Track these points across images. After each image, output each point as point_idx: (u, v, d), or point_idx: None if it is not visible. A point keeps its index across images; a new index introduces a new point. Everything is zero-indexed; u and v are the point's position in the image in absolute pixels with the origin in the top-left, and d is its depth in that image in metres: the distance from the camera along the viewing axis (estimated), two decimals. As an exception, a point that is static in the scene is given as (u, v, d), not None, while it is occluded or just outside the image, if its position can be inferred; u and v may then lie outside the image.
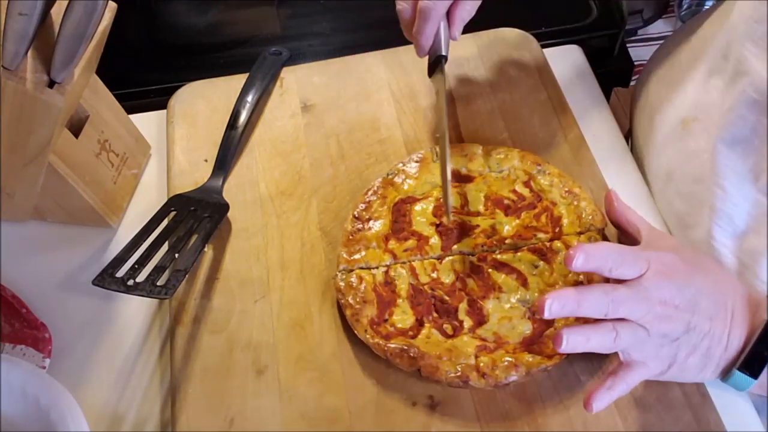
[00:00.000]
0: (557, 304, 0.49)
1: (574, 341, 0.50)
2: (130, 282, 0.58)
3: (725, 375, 0.54)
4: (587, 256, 0.49)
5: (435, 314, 0.60)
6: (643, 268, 0.51)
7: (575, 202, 0.65)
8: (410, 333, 0.59)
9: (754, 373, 0.53)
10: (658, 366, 0.53)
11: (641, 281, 0.51)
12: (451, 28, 0.66)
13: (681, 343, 0.52)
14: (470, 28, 0.82)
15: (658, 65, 0.78)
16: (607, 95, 0.87)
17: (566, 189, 0.66)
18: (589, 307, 0.50)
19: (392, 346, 0.57)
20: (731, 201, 0.62)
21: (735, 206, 0.62)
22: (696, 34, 0.72)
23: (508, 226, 0.64)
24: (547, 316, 0.49)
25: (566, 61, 0.84)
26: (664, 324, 0.51)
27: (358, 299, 0.60)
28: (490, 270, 0.62)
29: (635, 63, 1.00)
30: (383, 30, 0.97)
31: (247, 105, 0.76)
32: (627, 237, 0.61)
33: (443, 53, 0.66)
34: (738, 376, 0.53)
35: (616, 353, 0.53)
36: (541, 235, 0.64)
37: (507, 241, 0.64)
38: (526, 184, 0.67)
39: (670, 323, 0.51)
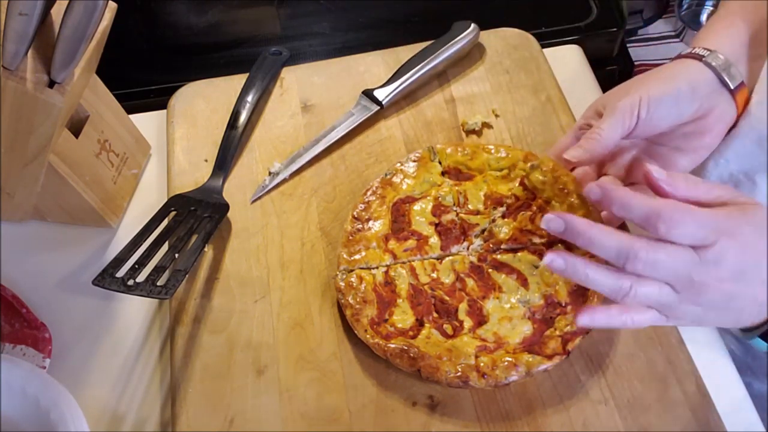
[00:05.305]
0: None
1: (599, 319, 0.48)
2: (130, 282, 0.58)
3: (746, 333, 0.51)
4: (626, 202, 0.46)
5: (435, 314, 0.60)
6: (710, 238, 0.45)
7: (570, 199, 0.64)
8: (410, 333, 0.59)
9: None
10: (678, 322, 0.50)
11: (706, 253, 0.45)
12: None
13: (714, 308, 0.48)
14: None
15: None
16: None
17: (560, 186, 0.64)
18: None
19: (392, 346, 0.57)
20: None
21: None
22: None
23: (505, 228, 0.64)
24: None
25: (566, 61, 0.84)
26: (704, 295, 0.47)
27: (358, 299, 0.60)
28: (490, 270, 0.62)
29: (635, 63, 1.00)
30: (383, 30, 0.97)
31: (247, 105, 0.76)
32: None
33: None
34: (758, 341, 0.51)
35: None
36: (536, 240, 0.63)
37: (503, 246, 0.63)
38: (521, 182, 0.66)
39: (714, 294, 0.47)
